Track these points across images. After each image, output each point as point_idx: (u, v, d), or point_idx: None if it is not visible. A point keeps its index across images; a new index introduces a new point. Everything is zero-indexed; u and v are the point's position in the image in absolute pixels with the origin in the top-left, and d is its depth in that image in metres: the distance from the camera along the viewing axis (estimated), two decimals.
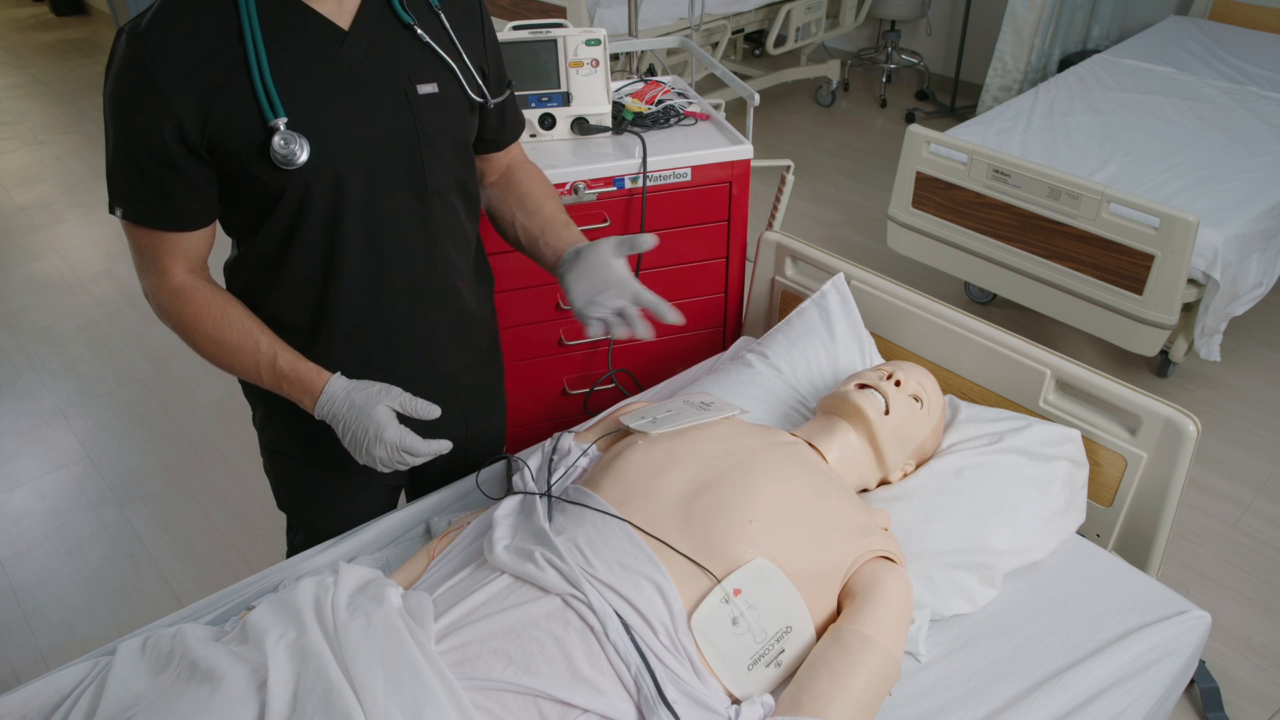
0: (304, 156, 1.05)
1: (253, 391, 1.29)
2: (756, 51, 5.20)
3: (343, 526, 1.35)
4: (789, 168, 2.15)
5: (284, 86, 1.04)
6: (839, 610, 1.10)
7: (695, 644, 1.01)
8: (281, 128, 1.03)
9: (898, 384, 1.30)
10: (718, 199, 1.82)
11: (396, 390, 1.13)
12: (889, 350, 1.66)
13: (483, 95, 1.21)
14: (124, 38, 1.00)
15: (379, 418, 1.10)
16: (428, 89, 1.13)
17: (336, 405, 1.12)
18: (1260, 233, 2.51)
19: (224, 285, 1.20)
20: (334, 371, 1.15)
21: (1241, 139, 2.89)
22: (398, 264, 1.19)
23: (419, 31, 1.13)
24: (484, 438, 1.46)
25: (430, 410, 1.14)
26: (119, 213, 1.08)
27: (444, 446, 1.16)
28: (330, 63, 1.07)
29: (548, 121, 1.77)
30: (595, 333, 1.17)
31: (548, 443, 1.35)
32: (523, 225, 1.29)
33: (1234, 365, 2.81)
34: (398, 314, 1.22)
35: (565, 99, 1.77)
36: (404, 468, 1.14)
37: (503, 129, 1.31)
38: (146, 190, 1.06)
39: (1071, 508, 1.34)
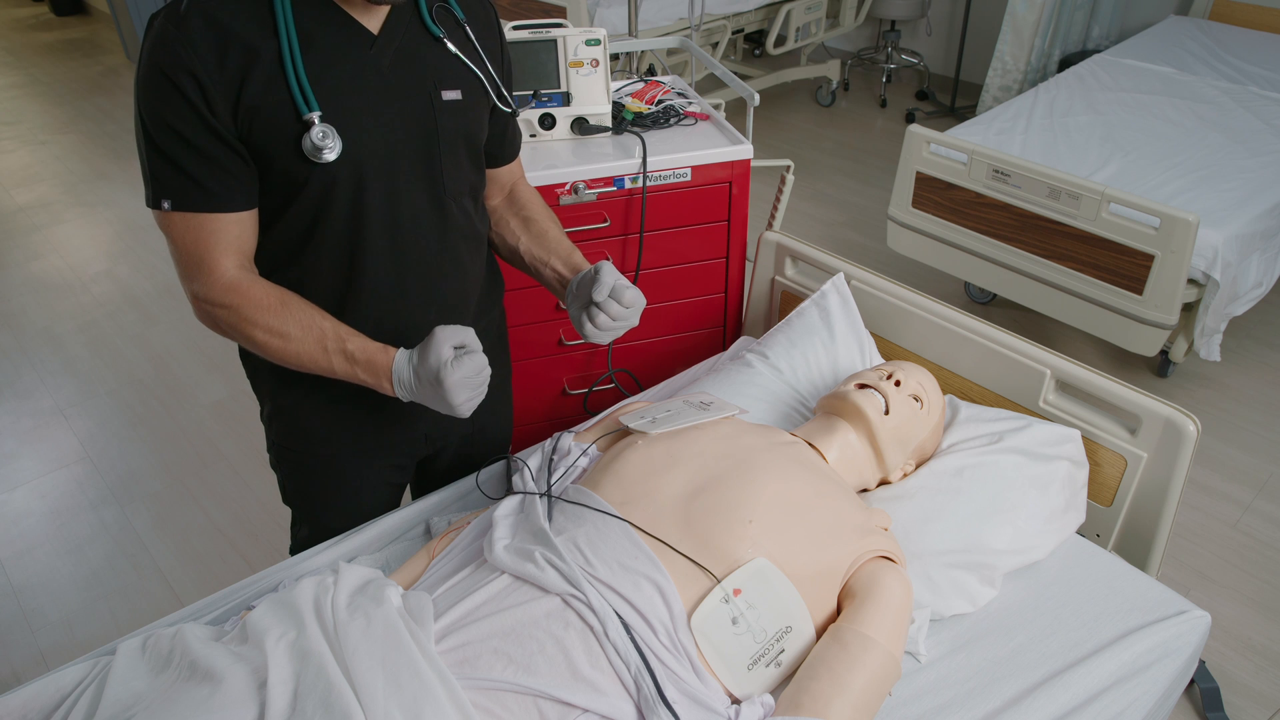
0: (335, 150, 1.06)
1: (262, 386, 1.29)
2: (756, 51, 5.20)
3: (347, 522, 1.36)
4: (789, 168, 2.15)
5: (315, 81, 1.05)
6: (839, 610, 1.10)
7: (695, 644, 1.01)
8: (317, 121, 1.04)
9: (898, 384, 1.30)
10: (718, 199, 1.82)
11: (441, 339, 1.07)
12: (889, 350, 1.66)
13: (509, 105, 1.24)
14: (159, 21, 1.00)
15: (445, 382, 1.05)
16: (452, 95, 1.15)
17: (404, 386, 1.10)
18: (1260, 233, 2.51)
19: None
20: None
21: (1241, 139, 2.89)
22: (414, 261, 1.19)
23: (448, 44, 1.15)
24: (489, 437, 1.46)
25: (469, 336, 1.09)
26: (166, 205, 1.05)
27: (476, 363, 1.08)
28: (359, 63, 1.08)
29: (548, 121, 1.78)
30: (582, 329, 1.17)
31: (548, 443, 1.35)
32: (528, 248, 1.32)
33: (1234, 365, 2.81)
34: (411, 311, 1.22)
35: (565, 99, 1.77)
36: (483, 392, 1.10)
37: (504, 144, 1.32)
38: (188, 175, 1.04)
39: (1071, 508, 1.35)
